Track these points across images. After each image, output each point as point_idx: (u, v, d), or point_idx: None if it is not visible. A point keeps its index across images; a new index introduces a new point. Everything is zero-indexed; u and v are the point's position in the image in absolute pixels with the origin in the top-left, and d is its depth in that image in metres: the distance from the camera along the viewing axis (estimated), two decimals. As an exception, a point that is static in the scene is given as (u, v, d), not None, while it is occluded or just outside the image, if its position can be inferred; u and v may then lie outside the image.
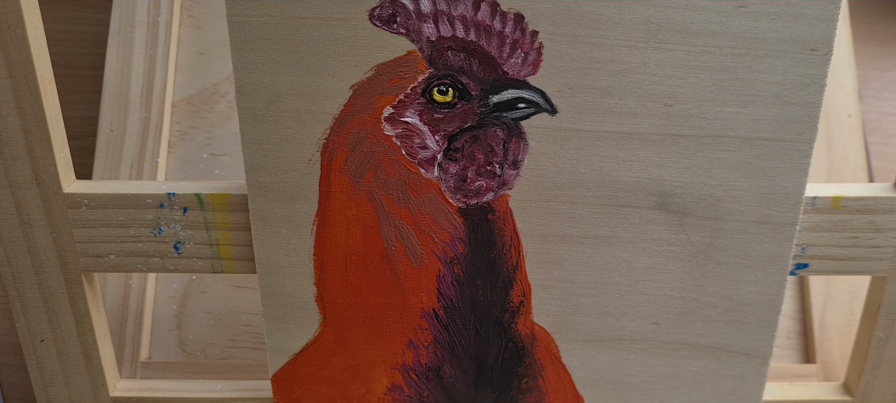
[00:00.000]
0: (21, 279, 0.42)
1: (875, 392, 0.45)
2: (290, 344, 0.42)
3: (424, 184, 0.38)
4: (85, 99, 0.59)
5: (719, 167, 0.37)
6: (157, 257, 0.41)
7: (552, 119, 0.37)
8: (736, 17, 0.34)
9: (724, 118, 0.36)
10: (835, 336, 0.53)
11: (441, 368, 0.42)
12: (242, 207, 0.40)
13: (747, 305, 0.41)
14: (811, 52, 0.35)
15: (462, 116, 0.37)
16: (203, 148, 0.56)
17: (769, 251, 0.39)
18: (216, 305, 0.54)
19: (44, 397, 0.45)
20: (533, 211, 0.39)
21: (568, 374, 0.42)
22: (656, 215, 0.39)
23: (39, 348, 0.44)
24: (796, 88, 0.36)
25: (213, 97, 0.57)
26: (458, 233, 0.39)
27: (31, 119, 0.38)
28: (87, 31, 0.61)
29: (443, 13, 0.35)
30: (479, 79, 0.36)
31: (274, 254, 0.40)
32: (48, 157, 0.39)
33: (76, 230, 0.40)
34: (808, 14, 0.34)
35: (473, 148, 0.37)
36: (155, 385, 0.46)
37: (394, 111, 0.37)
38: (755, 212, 0.38)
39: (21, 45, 0.36)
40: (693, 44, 0.35)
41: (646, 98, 0.36)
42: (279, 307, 0.41)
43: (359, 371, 0.42)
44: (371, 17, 0.35)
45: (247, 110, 0.37)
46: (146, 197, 0.40)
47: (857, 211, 0.40)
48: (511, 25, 0.35)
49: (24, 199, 0.39)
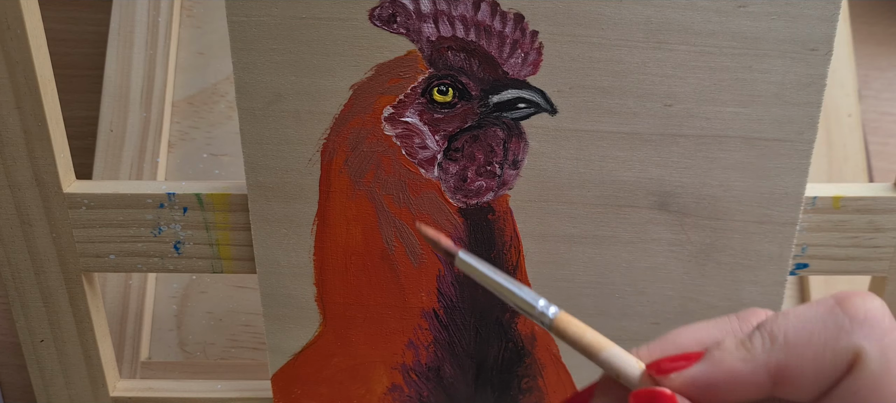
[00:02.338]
0: (21, 279, 0.41)
1: (875, 392, 0.45)
2: (290, 344, 0.42)
3: (424, 184, 0.38)
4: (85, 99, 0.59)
5: (719, 167, 0.37)
6: (157, 257, 0.41)
7: (552, 119, 0.37)
8: (736, 16, 0.34)
9: (724, 118, 0.36)
10: (835, 336, 0.53)
11: (441, 368, 0.42)
12: (242, 207, 0.40)
13: (747, 305, 0.40)
14: (811, 51, 0.35)
15: (462, 116, 0.37)
16: (203, 148, 0.56)
17: (769, 251, 0.39)
18: (216, 305, 0.54)
19: (44, 397, 0.45)
20: (533, 211, 0.39)
21: (568, 374, 0.42)
22: (656, 215, 0.39)
23: (39, 348, 0.43)
24: (796, 88, 0.36)
25: (213, 97, 0.57)
26: (459, 233, 0.39)
27: (31, 119, 0.38)
28: (87, 30, 0.61)
29: (443, 13, 0.35)
30: (479, 79, 0.36)
31: (274, 254, 0.40)
32: (48, 157, 0.38)
33: (76, 230, 0.40)
34: (808, 14, 0.34)
35: (473, 148, 0.37)
36: (155, 385, 0.46)
37: (394, 111, 0.37)
38: (755, 212, 0.38)
39: (21, 44, 0.36)
40: (693, 44, 0.35)
41: (646, 98, 0.36)
42: (279, 307, 0.41)
43: (359, 372, 0.42)
44: (371, 17, 0.35)
45: (247, 110, 0.37)
46: (146, 197, 0.40)
47: (857, 211, 0.40)
48: (511, 25, 0.35)
49: (24, 199, 0.39)
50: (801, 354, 0.25)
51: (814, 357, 0.25)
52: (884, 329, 0.24)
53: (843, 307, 0.25)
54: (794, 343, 0.25)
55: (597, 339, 0.27)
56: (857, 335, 0.24)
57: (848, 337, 0.25)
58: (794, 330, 0.25)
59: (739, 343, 0.26)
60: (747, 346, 0.25)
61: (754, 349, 0.25)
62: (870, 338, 0.24)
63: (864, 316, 0.25)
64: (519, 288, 0.28)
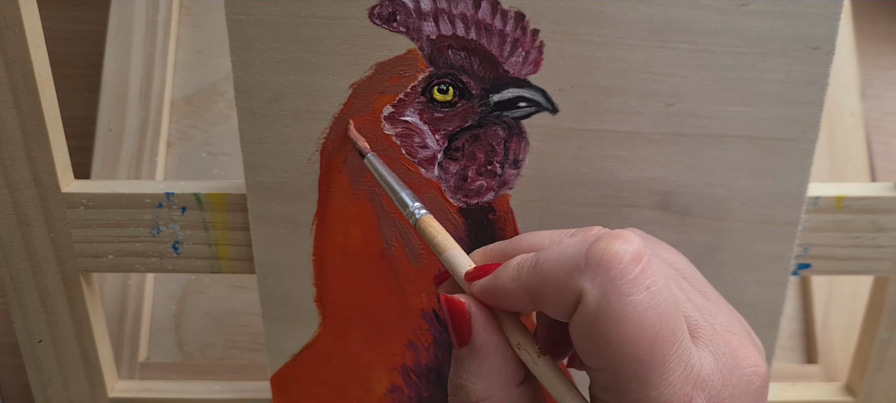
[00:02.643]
0: (19, 279, 0.41)
1: (878, 392, 0.45)
2: (289, 345, 0.42)
3: (424, 183, 0.38)
4: (83, 98, 0.59)
5: (721, 166, 0.37)
6: (155, 257, 0.41)
7: (553, 118, 0.36)
8: (738, 15, 0.34)
9: (727, 117, 0.36)
10: (837, 337, 0.53)
11: (441, 369, 0.42)
12: (241, 207, 0.40)
13: (749, 305, 0.40)
14: (814, 50, 0.35)
15: (462, 115, 0.37)
16: (202, 147, 0.56)
17: (771, 251, 0.39)
18: (215, 306, 0.54)
19: (42, 397, 0.45)
20: (534, 210, 0.38)
21: (569, 375, 0.42)
22: (658, 215, 0.38)
23: (37, 348, 0.43)
24: (799, 87, 0.36)
25: (211, 96, 0.57)
26: (459, 233, 0.39)
27: (29, 118, 0.37)
28: (86, 30, 0.61)
29: (443, 11, 0.35)
30: (479, 77, 0.36)
31: (273, 254, 0.40)
32: (46, 157, 0.38)
33: (74, 230, 0.40)
34: (811, 13, 0.34)
35: (474, 147, 0.37)
36: (153, 385, 0.46)
37: (394, 110, 0.36)
38: (757, 212, 0.38)
39: (19, 43, 0.36)
40: (695, 42, 0.35)
41: (648, 97, 0.36)
42: (278, 307, 0.41)
43: (358, 372, 0.42)
44: (371, 16, 0.35)
45: (246, 109, 0.37)
46: (144, 196, 0.40)
47: (859, 211, 0.40)
48: (512, 24, 0.35)
49: (22, 199, 0.39)
50: (548, 284, 0.28)
51: (554, 289, 0.28)
52: (611, 274, 0.27)
53: (588, 248, 0.28)
54: (545, 275, 0.28)
55: (445, 241, 0.32)
56: (585, 277, 0.27)
57: (578, 278, 0.27)
58: (549, 263, 0.28)
59: (516, 265, 0.30)
60: (518, 269, 0.29)
61: (521, 272, 0.29)
62: (594, 281, 0.27)
63: (598, 259, 0.27)
64: (402, 188, 0.34)
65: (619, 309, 0.26)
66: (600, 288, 0.27)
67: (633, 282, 0.27)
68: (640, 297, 0.27)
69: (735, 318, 0.31)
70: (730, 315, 0.31)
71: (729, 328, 0.30)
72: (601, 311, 0.27)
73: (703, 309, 0.30)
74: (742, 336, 0.30)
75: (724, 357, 0.29)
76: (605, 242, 0.27)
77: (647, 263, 0.27)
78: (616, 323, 0.26)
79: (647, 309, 0.27)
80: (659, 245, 0.33)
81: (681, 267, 0.32)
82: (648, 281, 0.27)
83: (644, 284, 0.27)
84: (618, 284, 0.27)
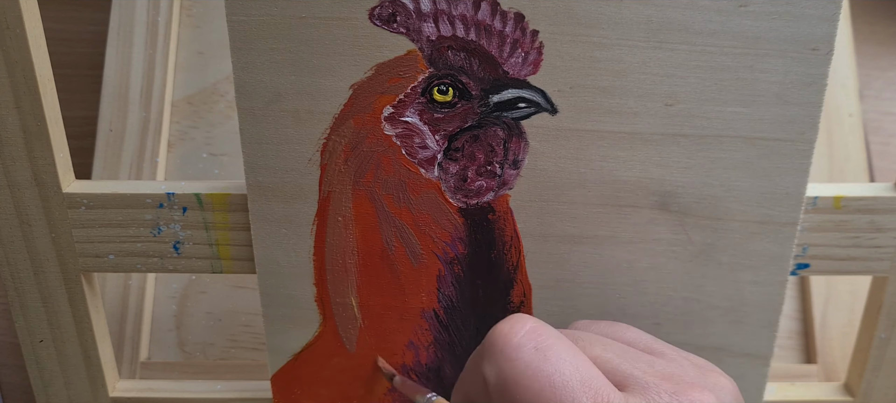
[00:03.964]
0: (20, 279, 0.41)
1: (876, 392, 0.45)
2: (289, 345, 0.42)
3: (424, 183, 0.38)
4: (84, 98, 0.59)
5: (720, 167, 0.37)
6: (156, 257, 0.41)
7: (553, 119, 0.37)
8: (737, 16, 0.34)
9: (725, 118, 0.36)
10: (836, 337, 0.53)
11: (441, 369, 0.42)
12: (242, 207, 0.40)
13: (748, 305, 0.40)
14: (812, 51, 0.35)
15: (462, 116, 0.37)
16: (202, 147, 0.56)
17: (770, 251, 0.39)
18: (216, 305, 0.54)
19: (43, 397, 0.45)
20: (533, 211, 0.39)
21: (568, 374, 0.42)
22: (657, 215, 0.39)
23: (39, 348, 0.43)
24: (797, 88, 0.36)
25: (212, 97, 0.57)
26: (459, 233, 0.39)
27: (31, 118, 0.37)
28: (87, 30, 0.61)
29: (443, 12, 0.35)
30: (479, 78, 0.36)
31: (273, 254, 0.40)
32: (47, 157, 0.38)
33: (75, 230, 0.40)
34: (809, 13, 0.34)
35: (474, 147, 0.37)
36: (154, 385, 0.46)
37: (394, 111, 0.37)
38: (756, 212, 0.38)
39: (20, 44, 0.36)
40: (694, 43, 0.35)
41: (646, 97, 0.36)
42: (279, 307, 0.41)
43: (359, 372, 0.42)
44: (371, 17, 0.35)
45: (246, 110, 0.37)
46: (145, 197, 0.40)
47: (858, 211, 0.40)
48: (511, 25, 0.35)
49: (24, 199, 0.39)
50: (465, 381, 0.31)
51: (472, 385, 0.31)
52: (498, 346, 0.29)
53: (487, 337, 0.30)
54: (464, 379, 0.32)
55: None
56: (484, 362, 0.29)
57: (480, 364, 0.29)
58: (465, 370, 0.32)
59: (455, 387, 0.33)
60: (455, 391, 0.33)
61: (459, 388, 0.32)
62: (489, 364, 0.29)
63: (490, 343, 0.29)
64: None
65: (514, 375, 0.28)
66: (494, 364, 0.29)
67: (518, 347, 0.28)
68: (530, 357, 0.28)
69: (687, 364, 0.32)
70: (681, 363, 0.32)
71: (675, 375, 0.30)
72: (501, 383, 0.28)
73: (638, 361, 0.31)
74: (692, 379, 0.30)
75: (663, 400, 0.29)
76: (499, 325, 0.29)
77: (531, 329, 0.29)
78: (515, 387, 0.28)
79: (541, 364, 0.28)
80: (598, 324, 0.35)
81: (632, 338, 0.34)
82: (534, 342, 0.29)
83: (530, 345, 0.28)
84: (506, 352, 0.28)
